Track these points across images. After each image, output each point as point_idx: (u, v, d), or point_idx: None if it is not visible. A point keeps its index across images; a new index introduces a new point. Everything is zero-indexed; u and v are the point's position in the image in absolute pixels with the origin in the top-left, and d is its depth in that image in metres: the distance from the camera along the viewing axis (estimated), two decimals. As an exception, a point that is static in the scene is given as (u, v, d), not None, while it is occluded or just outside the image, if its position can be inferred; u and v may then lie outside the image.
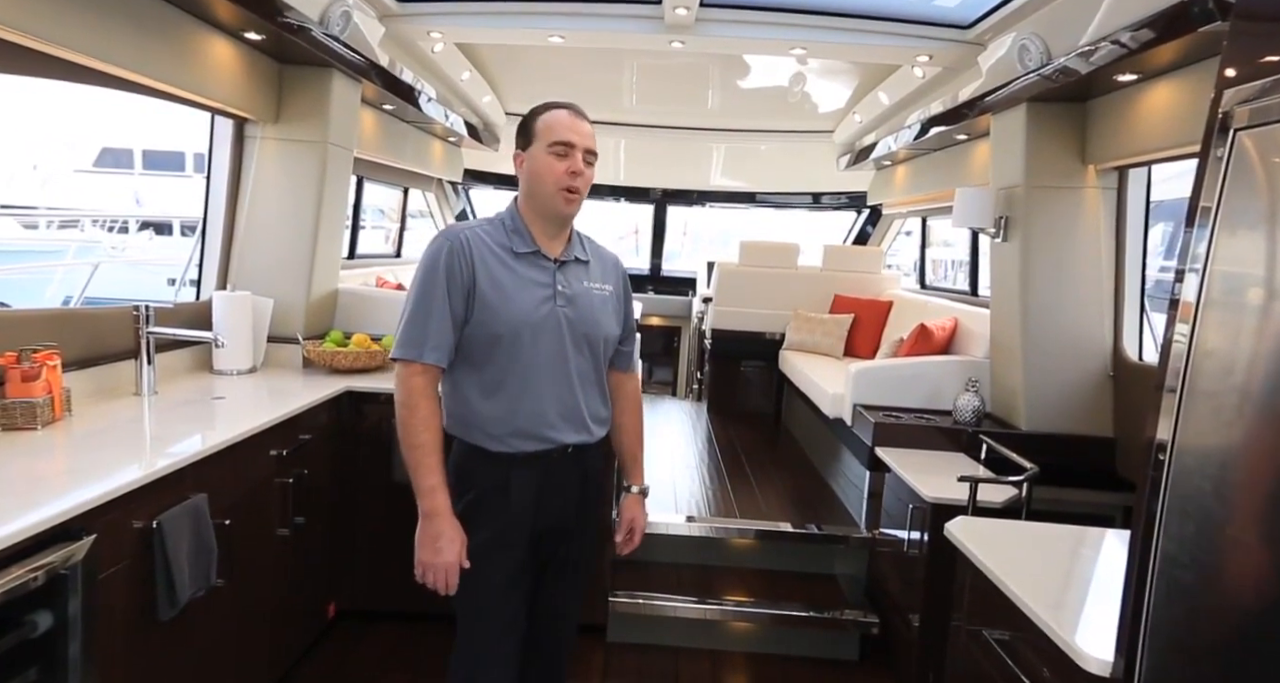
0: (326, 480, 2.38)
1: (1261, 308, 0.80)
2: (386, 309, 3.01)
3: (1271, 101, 0.80)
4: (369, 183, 4.25)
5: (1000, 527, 1.60)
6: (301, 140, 2.64)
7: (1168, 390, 0.92)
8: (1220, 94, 0.88)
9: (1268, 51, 0.81)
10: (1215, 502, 0.84)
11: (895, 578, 2.55)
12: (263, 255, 2.68)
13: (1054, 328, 2.63)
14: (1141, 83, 2.22)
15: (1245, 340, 0.82)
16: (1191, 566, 0.86)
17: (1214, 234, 0.87)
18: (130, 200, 11.83)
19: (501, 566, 1.48)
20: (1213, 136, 0.89)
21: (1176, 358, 0.91)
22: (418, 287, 1.44)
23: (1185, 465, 0.88)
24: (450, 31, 2.94)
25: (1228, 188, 0.87)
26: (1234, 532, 0.81)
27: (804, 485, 3.46)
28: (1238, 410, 0.82)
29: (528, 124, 1.53)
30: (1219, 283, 0.86)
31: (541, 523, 1.49)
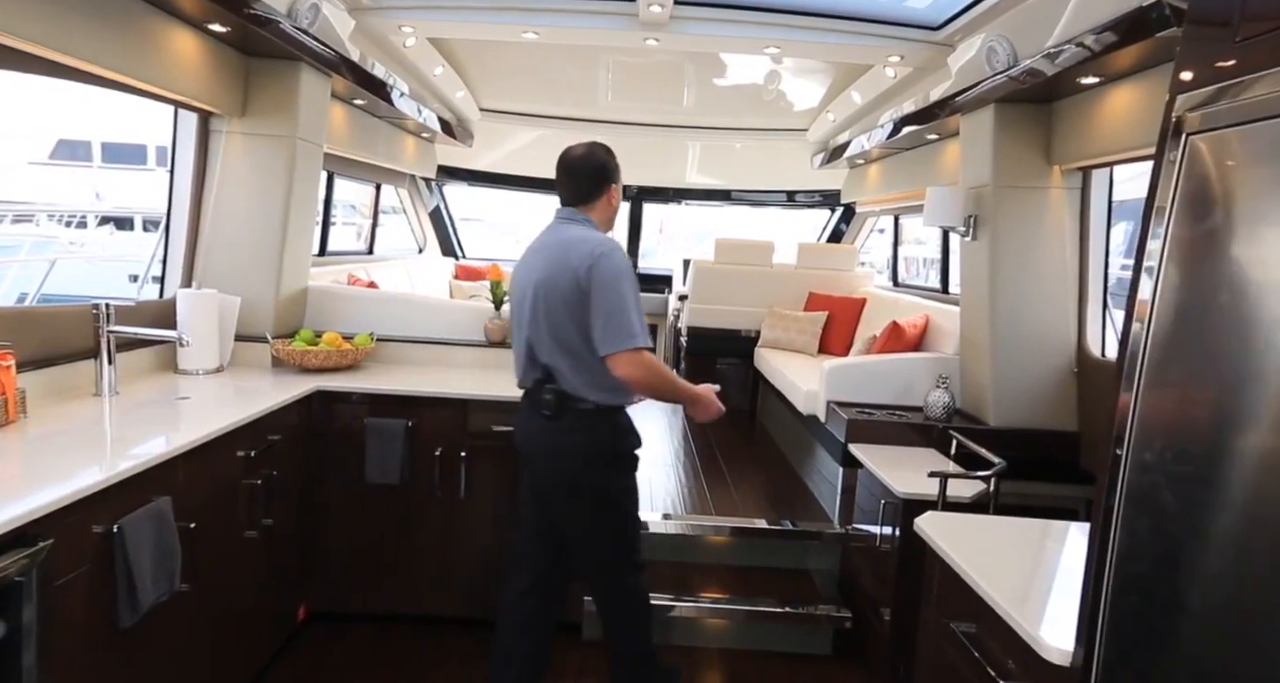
0: (297, 481, 2.33)
1: (1214, 305, 0.83)
2: (357, 307, 2.97)
3: (1221, 107, 0.83)
4: (340, 179, 4.18)
5: (968, 522, 1.64)
6: (269, 135, 2.58)
7: (1124, 385, 0.94)
8: (1173, 99, 0.90)
9: (1217, 57, 0.84)
10: (1169, 496, 0.86)
11: (867, 573, 2.59)
12: (230, 252, 2.62)
13: (1021, 325, 2.69)
14: (1103, 86, 2.28)
15: (1198, 337, 0.85)
16: (1146, 558, 0.89)
17: (1168, 233, 0.90)
18: (89, 194, 11.43)
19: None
20: (1166, 140, 0.92)
21: (1133, 354, 0.93)
22: (632, 289, 1.81)
23: (1140, 461, 0.91)
24: (422, 25, 2.90)
25: (1180, 189, 0.89)
26: (1185, 526, 0.84)
27: (779, 482, 3.50)
28: (1190, 406, 0.85)
29: (617, 163, 2.00)
30: (1173, 280, 0.89)
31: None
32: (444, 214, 5.81)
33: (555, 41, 3.04)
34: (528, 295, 1.86)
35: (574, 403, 1.84)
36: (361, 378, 2.58)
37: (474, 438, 2.48)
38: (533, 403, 1.90)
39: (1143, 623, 0.89)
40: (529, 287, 1.86)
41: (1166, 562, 0.86)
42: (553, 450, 1.89)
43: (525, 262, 1.92)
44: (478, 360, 2.92)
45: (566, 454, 1.88)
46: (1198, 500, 0.82)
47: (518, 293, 1.92)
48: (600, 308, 1.76)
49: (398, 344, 2.91)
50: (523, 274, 1.91)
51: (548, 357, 1.85)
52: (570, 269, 1.78)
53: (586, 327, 1.79)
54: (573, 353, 1.83)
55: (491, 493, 2.51)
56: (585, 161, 1.91)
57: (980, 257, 2.74)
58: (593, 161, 1.91)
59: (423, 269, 5.12)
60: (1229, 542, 0.78)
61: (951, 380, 2.91)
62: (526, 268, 1.90)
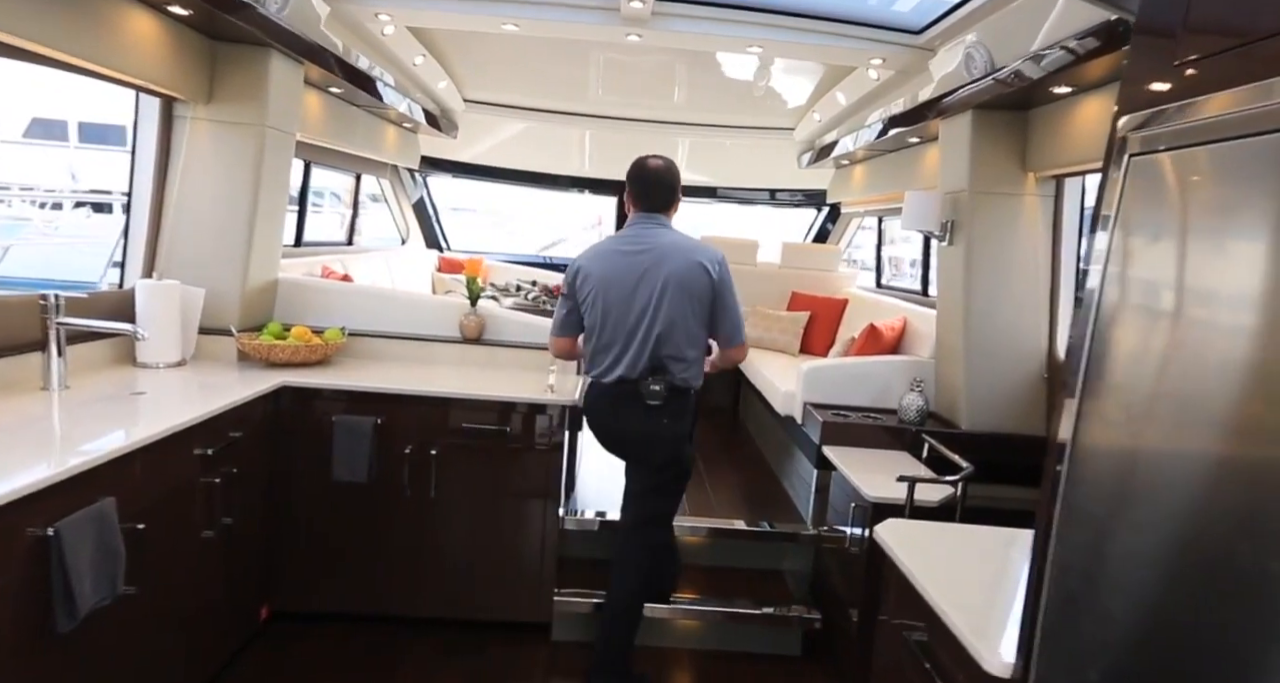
0: (260, 480, 2.29)
1: (1149, 323, 0.82)
2: (330, 300, 2.92)
3: (1158, 130, 0.82)
4: (318, 168, 4.10)
5: (929, 529, 1.64)
6: (237, 122, 2.51)
7: (1064, 397, 0.93)
8: (1118, 117, 0.90)
9: (1157, 79, 0.83)
10: (1101, 511, 0.86)
11: (838, 574, 2.59)
12: (194, 242, 2.56)
13: (994, 331, 2.70)
14: (1075, 95, 2.28)
15: (1133, 356, 0.84)
16: (1082, 574, 0.88)
17: (1109, 251, 0.89)
18: (65, 175, 11.16)
19: None
20: (1110, 157, 0.92)
21: (1073, 367, 0.92)
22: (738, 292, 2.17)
23: (1076, 474, 0.90)
24: (399, 14, 2.84)
25: (1122, 208, 0.89)
26: (1117, 542, 0.83)
27: (757, 483, 3.50)
28: (1128, 416, 0.84)
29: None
30: (1112, 298, 0.88)
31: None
32: (428, 205, 5.74)
33: (535, 34, 2.99)
34: (662, 293, 2.06)
35: (679, 392, 2.12)
36: (330, 374, 2.53)
37: (446, 436, 2.44)
38: (633, 393, 2.09)
39: (1075, 637, 0.89)
40: (665, 285, 2.06)
41: (1100, 580, 0.86)
42: (652, 438, 2.14)
43: (642, 261, 2.09)
44: (453, 357, 2.88)
45: (665, 441, 2.15)
46: (1129, 517, 0.82)
47: (626, 290, 2.08)
48: (728, 307, 2.13)
49: (370, 339, 2.86)
50: (637, 271, 2.08)
51: (673, 349, 2.08)
52: (702, 269, 2.07)
53: (708, 322, 2.13)
54: (696, 345, 2.12)
55: (463, 493, 2.48)
56: (669, 174, 2.17)
57: (956, 261, 2.74)
58: (674, 174, 2.19)
59: (404, 261, 5.05)
60: (1159, 559, 0.77)
61: (926, 384, 2.91)
62: (650, 265, 2.08)
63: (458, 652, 2.46)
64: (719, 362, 2.28)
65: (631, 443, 2.19)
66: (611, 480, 3.32)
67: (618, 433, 2.19)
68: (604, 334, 2.11)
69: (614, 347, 2.10)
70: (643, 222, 2.15)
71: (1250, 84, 0.69)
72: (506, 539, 2.53)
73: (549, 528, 2.54)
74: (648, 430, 2.12)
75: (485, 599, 2.54)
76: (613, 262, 2.11)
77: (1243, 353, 0.68)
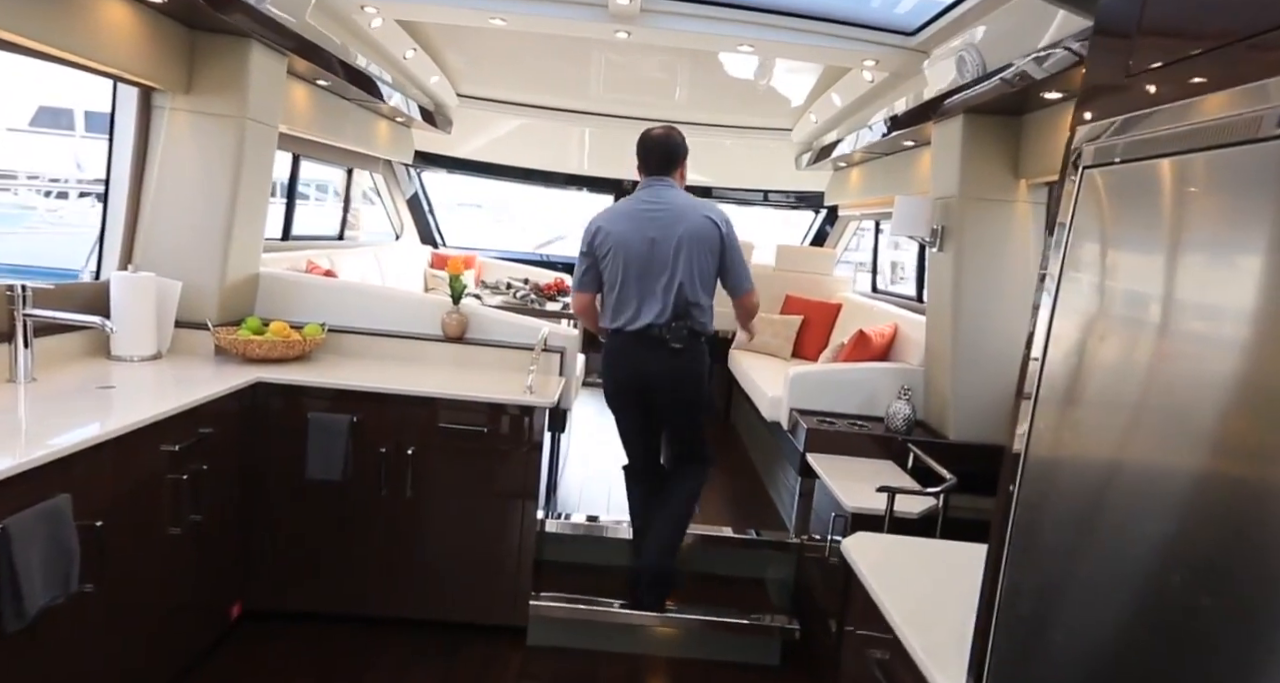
0: (232, 476, 2.27)
1: (1100, 341, 0.79)
2: (312, 296, 2.89)
3: (1112, 142, 0.78)
4: (308, 161, 4.07)
5: (900, 544, 1.60)
6: (216, 114, 2.48)
7: (1020, 415, 0.90)
8: (1074, 129, 0.86)
9: (1112, 90, 0.79)
10: (1050, 536, 0.82)
11: (819, 584, 2.56)
12: (172, 235, 2.53)
13: (983, 340, 2.65)
14: (1066, 102, 2.23)
15: (1084, 375, 0.81)
16: (1030, 597, 0.85)
17: (1063, 266, 0.86)
18: (71, 164, 11.16)
19: None
20: (1066, 166, 0.88)
21: (1028, 385, 0.89)
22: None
23: (1026, 497, 0.87)
24: (385, 6, 2.80)
25: (1075, 219, 0.86)
26: (1064, 569, 0.79)
27: (743, 488, 3.46)
28: (1074, 440, 0.81)
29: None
30: (1067, 311, 0.84)
31: None
32: (422, 201, 5.70)
33: (523, 29, 2.95)
34: (677, 246, 2.30)
35: (698, 336, 2.36)
36: (308, 370, 2.51)
37: (423, 436, 2.41)
38: (657, 338, 2.31)
39: (1021, 668, 0.85)
40: (680, 239, 2.30)
41: (1049, 606, 0.82)
42: (679, 376, 2.37)
43: (656, 218, 2.33)
44: (434, 355, 2.85)
45: (690, 378, 2.38)
46: (1076, 543, 0.78)
47: (643, 244, 2.31)
48: (735, 259, 2.37)
49: (351, 336, 2.83)
50: (653, 228, 2.32)
51: (693, 296, 2.32)
52: (711, 225, 2.33)
53: (719, 272, 2.37)
54: (709, 292, 2.37)
55: (439, 493, 2.45)
56: (667, 140, 2.41)
57: (945, 268, 2.69)
58: (673, 140, 2.42)
59: (396, 257, 5.02)
60: (1103, 587, 0.73)
61: (915, 392, 2.87)
62: (664, 222, 2.32)
63: (430, 654, 2.43)
64: (742, 318, 2.57)
65: (658, 385, 2.39)
66: (596, 483, 3.31)
67: (643, 378, 2.38)
68: (626, 287, 2.32)
69: (638, 297, 2.32)
70: (651, 184, 2.41)
71: (1209, 94, 0.65)
72: (483, 541, 2.50)
73: (526, 531, 2.51)
74: (675, 370, 2.35)
75: (460, 601, 2.52)
76: (630, 220, 2.34)
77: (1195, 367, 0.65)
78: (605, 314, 2.42)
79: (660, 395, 2.40)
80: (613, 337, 2.40)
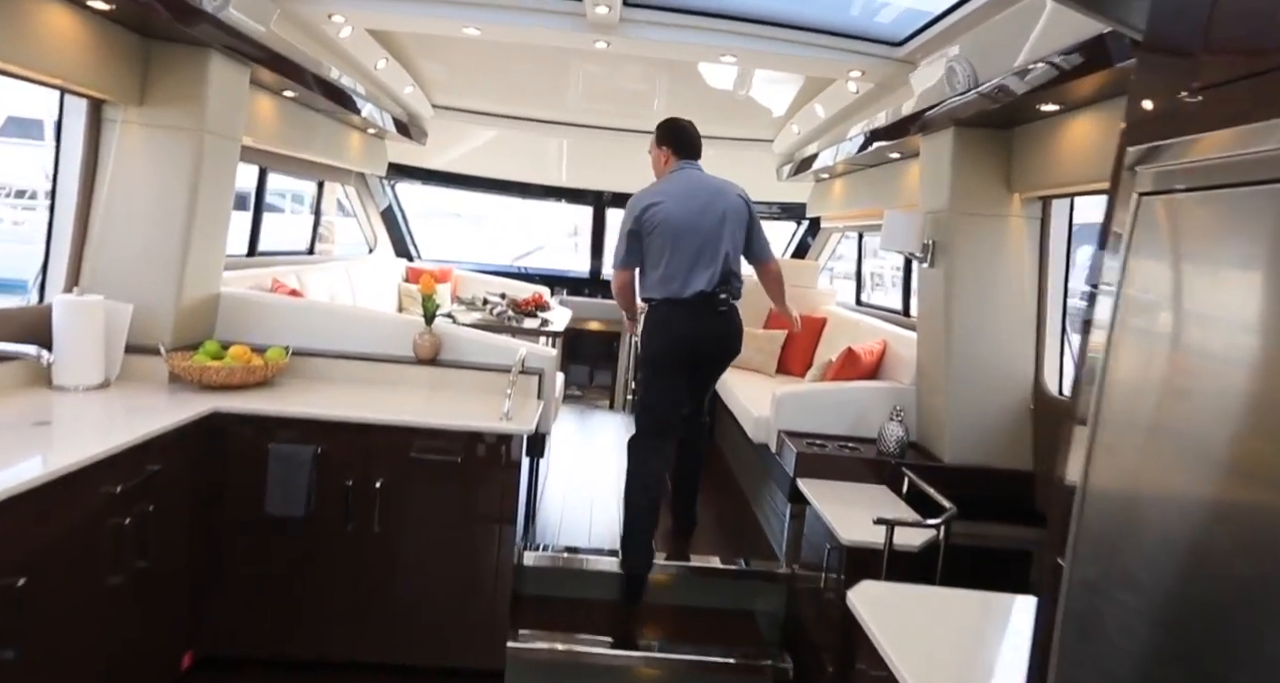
0: (184, 515, 2.10)
1: (1164, 384, 0.69)
2: (276, 317, 2.73)
3: (1174, 166, 0.69)
4: (277, 174, 3.92)
5: (909, 595, 1.49)
6: (173, 127, 2.33)
7: (1079, 423, 0.80)
8: (1124, 145, 0.77)
9: (1174, 107, 0.70)
10: (1114, 629, 0.70)
11: (813, 619, 2.44)
12: (123, 255, 2.36)
13: (978, 359, 2.58)
14: (1063, 114, 2.18)
15: (1156, 427, 0.71)
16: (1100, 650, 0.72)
17: (1119, 301, 0.77)
18: (40, 176, 10.79)
19: None
20: (1118, 185, 0.79)
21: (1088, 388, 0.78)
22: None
23: (1085, 576, 0.75)
24: (354, 15, 2.68)
25: (1132, 250, 0.77)
26: (1136, 672, 0.68)
27: (729, 513, 3.34)
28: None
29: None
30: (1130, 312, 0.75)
31: None
32: (397, 213, 5.55)
33: (498, 39, 2.85)
34: (720, 219, 2.56)
35: (733, 301, 2.62)
36: (269, 398, 2.35)
37: (392, 467, 2.27)
38: (706, 304, 2.54)
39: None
40: (722, 213, 2.56)
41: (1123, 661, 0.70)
42: (725, 337, 2.64)
43: (697, 195, 2.58)
44: (405, 379, 2.70)
45: (734, 338, 2.66)
46: (1151, 640, 0.67)
47: (690, 218, 2.53)
48: (759, 231, 2.71)
49: (317, 359, 2.68)
50: (695, 203, 2.56)
51: (735, 265, 2.61)
52: (742, 202, 2.64)
53: (746, 243, 2.67)
54: (742, 262, 2.67)
55: (409, 528, 2.30)
56: (695, 129, 2.71)
57: (937, 285, 2.62)
58: (696, 129, 2.72)
59: (370, 271, 4.86)
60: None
61: (907, 412, 2.78)
62: (704, 198, 2.57)
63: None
64: (776, 290, 2.85)
65: (706, 347, 2.62)
66: (577, 509, 3.17)
67: (694, 340, 2.58)
68: (676, 258, 2.52)
69: (688, 268, 2.52)
70: (688, 166, 2.66)
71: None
72: (456, 578, 2.35)
73: (503, 565, 2.37)
74: (723, 332, 2.62)
75: (431, 644, 2.36)
76: (677, 197, 2.56)
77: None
78: (650, 286, 2.61)
79: (706, 356, 2.65)
80: (661, 306, 2.58)
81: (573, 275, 6.04)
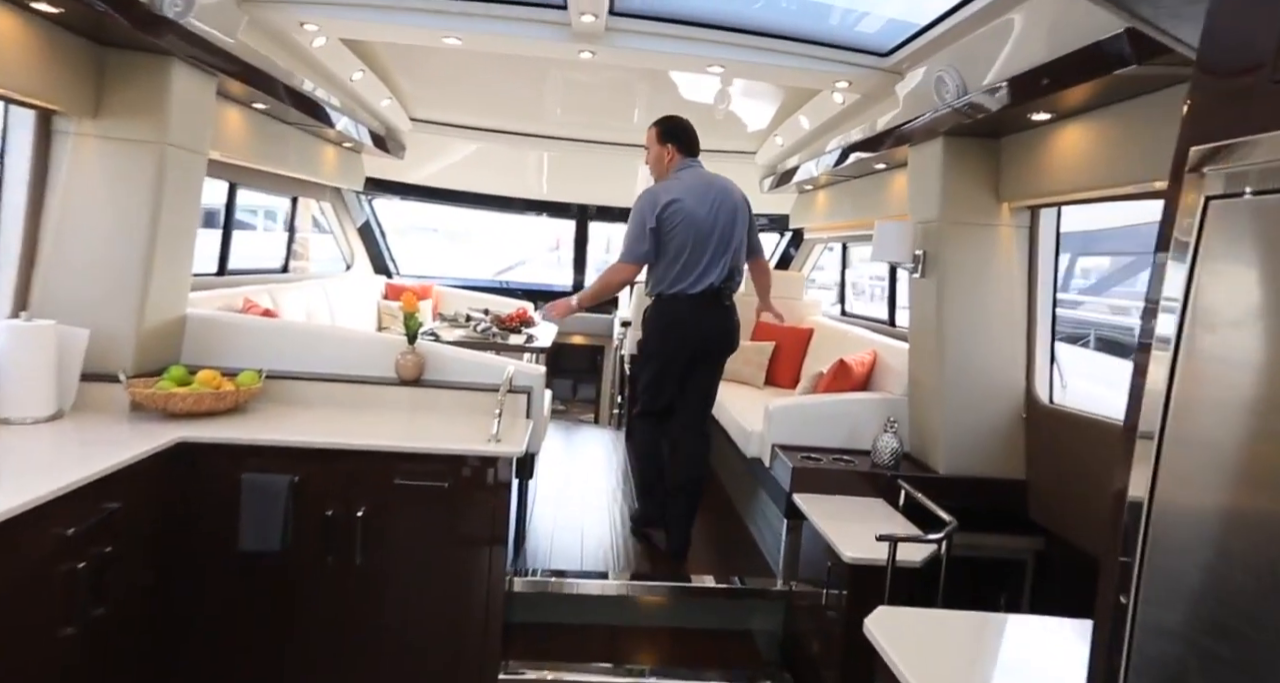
0: (148, 555, 1.95)
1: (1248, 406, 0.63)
2: (248, 339, 2.59)
3: (1249, 166, 0.64)
4: (248, 190, 3.78)
5: (926, 619, 1.43)
6: (131, 140, 2.20)
7: (1141, 436, 0.74)
8: (1185, 148, 0.72)
9: (1251, 102, 0.65)
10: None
11: (814, 636, 2.37)
12: (77, 276, 2.21)
13: (971, 369, 2.56)
14: (1052, 123, 2.18)
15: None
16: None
17: (1195, 280, 0.72)
18: None
19: None
20: (1181, 186, 0.74)
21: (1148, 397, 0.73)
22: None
23: (1159, 621, 0.68)
24: (327, 24, 2.59)
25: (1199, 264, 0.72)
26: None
27: (722, 529, 3.26)
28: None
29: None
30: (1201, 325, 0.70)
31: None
32: (374, 229, 5.42)
33: (481, 49, 2.78)
34: (732, 216, 2.66)
35: (732, 296, 2.73)
36: (241, 425, 2.22)
37: (375, 495, 2.15)
38: (714, 298, 2.66)
39: None
40: (733, 210, 2.67)
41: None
42: (728, 330, 2.74)
43: (708, 193, 2.66)
44: (388, 401, 2.59)
45: (734, 331, 2.77)
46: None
47: (708, 215, 2.62)
48: (754, 226, 2.81)
49: (293, 382, 2.55)
50: (709, 200, 2.64)
51: (739, 261, 2.72)
52: (743, 198, 2.74)
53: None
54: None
55: (394, 559, 2.18)
56: (692, 127, 2.78)
57: (929, 295, 2.60)
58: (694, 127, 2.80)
59: (347, 289, 4.71)
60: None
61: (900, 423, 2.75)
62: (715, 196, 2.66)
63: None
64: (766, 285, 3.00)
65: (712, 338, 2.72)
66: (568, 531, 3.07)
67: (702, 332, 2.68)
68: (692, 254, 2.61)
69: (705, 263, 2.62)
70: (694, 164, 2.74)
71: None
72: (444, 609, 2.23)
73: (494, 595, 2.26)
74: (727, 325, 2.73)
75: (420, 680, 2.23)
76: (694, 191, 2.64)
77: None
78: (660, 280, 2.67)
79: (710, 347, 2.74)
80: (671, 300, 2.66)
81: (556, 289, 5.96)
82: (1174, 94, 1.79)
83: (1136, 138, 1.91)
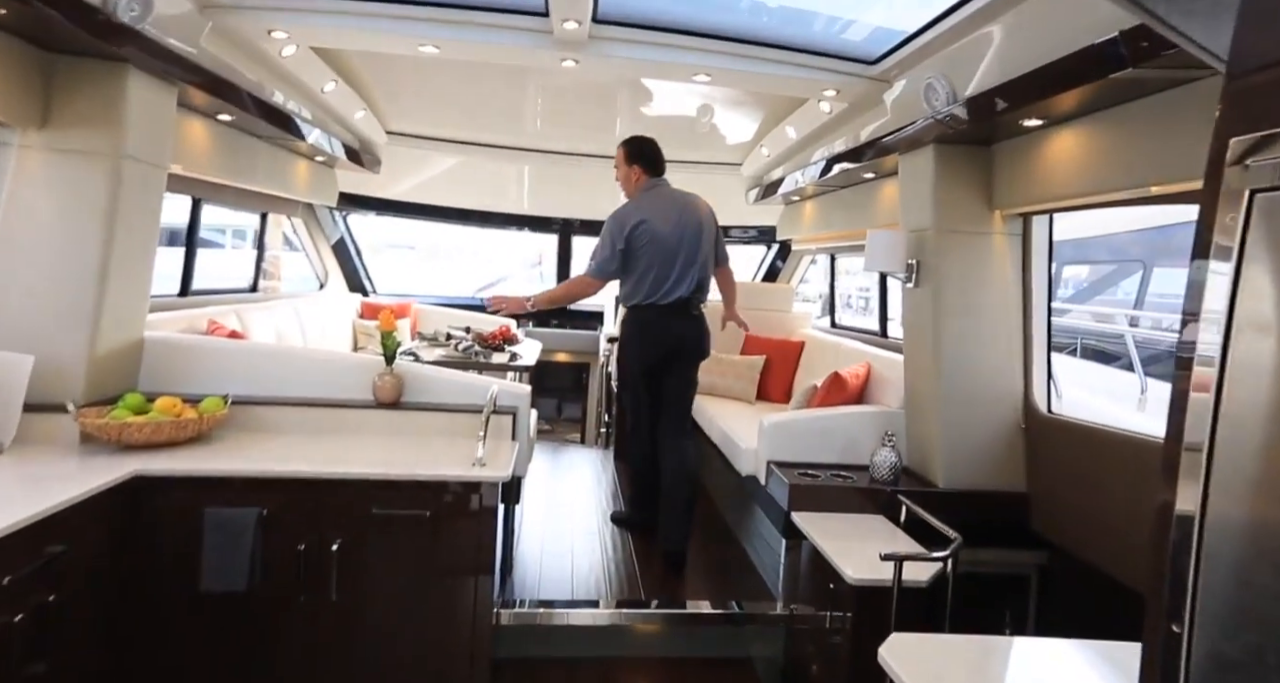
0: (97, 602, 1.78)
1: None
2: (212, 362, 2.44)
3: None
4: (213, 205, 3.62)
5: (939, 647, 1.34)
6: (83, 152, 2.06)
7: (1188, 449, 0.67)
8: (1224, 138, 0.65)
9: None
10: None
11: (817, 661, 2.27)
12: (20, 298, 2.05)
13: (968, 379, 2.50)
14: (1046, 128, 2.15)
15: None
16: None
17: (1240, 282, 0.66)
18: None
19: None
20: (1221, 182, 0.68)
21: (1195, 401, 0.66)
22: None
23: (1219, 650, 0.61)
24: (297, 32, 2.48)
25: (1246, 257, 0.65)
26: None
27: (717, 551, 3.15)
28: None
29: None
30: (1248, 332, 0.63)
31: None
32: (349, 246, 5.27)
33: (459, 57, 2.69)
34: (698, 232, 2.82)
35: (700, 306, 2.90)
36: (204, 455, 2.06)
37: (351, 526, 2.01)
38: (683, 309, 2.83)
39: None
40: (698, 226, 2.82)
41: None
42: (698, 339, 2.90)
43: (673, 211, 2.81)
44: (364, 425, 2.44)
45: (703, 339, 2.92)
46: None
47: (673, 233, 2.78)
48: (720, 239, 3.00)
49: (262, 408, 2.39)
50: (674, 219, 2.80)
51: (707, 272, 2.89)
52: (710, 215, 2.91)
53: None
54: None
55: (372, 594, 2.04)
56: (657, 144, 2.92)
57: (924, 305, 2.55)
58: (658, 144, 2.93)
59: (321, 308, 4.54)
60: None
61: (897, 436, 2.68)
62: (679, 214, 2.81)
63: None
64: (732, 295, 3.18)
65: (683, 346, 2.88)
66: (557, 558, 2.93)
67: (673, 340, 2.85)
68: (662, 267, 2.76)
69: (675, 275, 2.78)
70: (660, 182, 2.89)
71: None
72: (427, 646, 2.08)
73: (480, 629, 2.11)
74: (696, 334, 2.89)
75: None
76: (660, 211, 2.79)
77: None
78: (631, 292, 2.83)
79: (682, 354, 2.89)
80: (643, 310, 2.83)
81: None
82: (1168, 98, 1.76)
83: (1131, 142, 1.89)
